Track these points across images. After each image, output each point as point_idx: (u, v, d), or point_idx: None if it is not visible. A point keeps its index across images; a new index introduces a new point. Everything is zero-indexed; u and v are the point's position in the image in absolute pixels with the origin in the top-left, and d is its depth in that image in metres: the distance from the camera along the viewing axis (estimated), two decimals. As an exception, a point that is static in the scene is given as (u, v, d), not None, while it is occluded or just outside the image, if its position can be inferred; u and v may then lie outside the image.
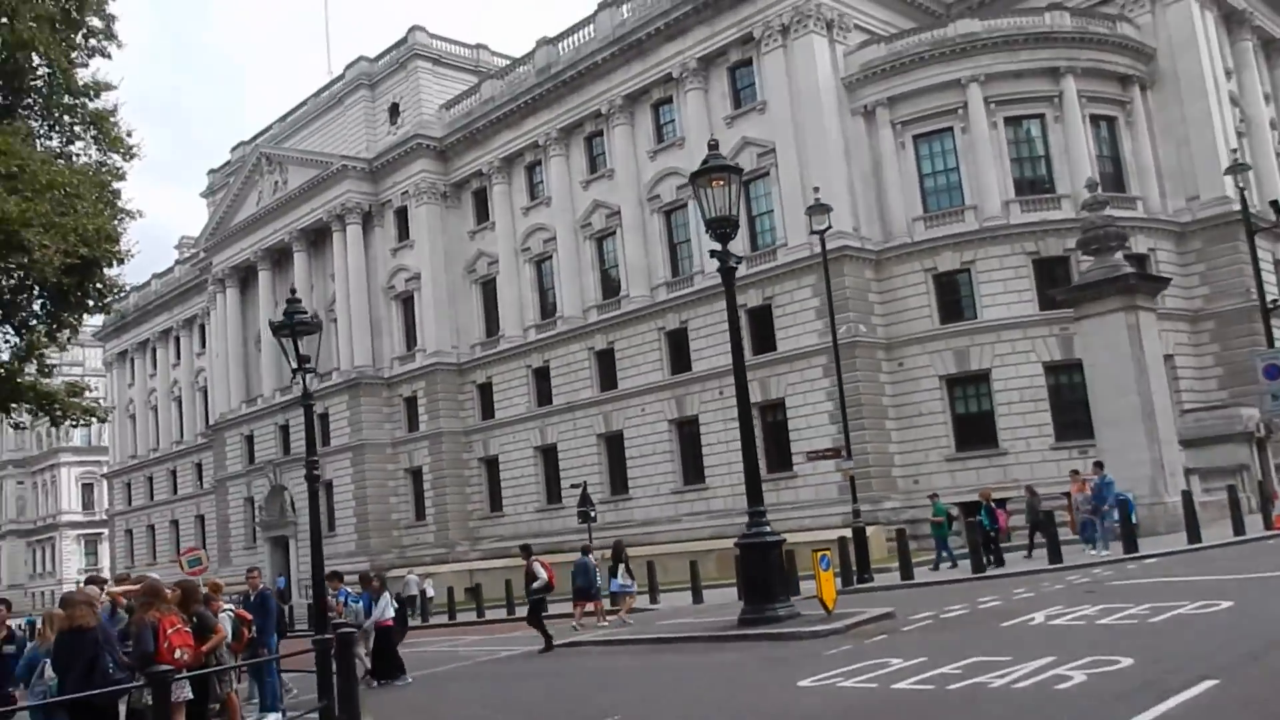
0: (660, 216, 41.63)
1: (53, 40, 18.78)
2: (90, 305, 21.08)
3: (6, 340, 21.06)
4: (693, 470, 39.54)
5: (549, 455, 44.91)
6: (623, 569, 23.50)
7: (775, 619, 15.52)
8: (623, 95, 42.43)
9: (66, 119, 20.73)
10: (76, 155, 21.15)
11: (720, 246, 16.43)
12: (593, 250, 44.24)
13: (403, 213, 50.76)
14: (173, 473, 68.84)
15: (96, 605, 9.80)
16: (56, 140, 21.11)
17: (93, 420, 23.54)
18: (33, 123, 20.55)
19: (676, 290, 40.38)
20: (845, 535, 25.23)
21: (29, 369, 21.01)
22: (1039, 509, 25.03)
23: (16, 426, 24.35)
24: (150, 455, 71.40)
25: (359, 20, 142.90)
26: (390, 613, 18.01)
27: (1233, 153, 33.34)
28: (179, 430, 68.52)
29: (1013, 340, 33.72)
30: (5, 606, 13.85)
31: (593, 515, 33.65)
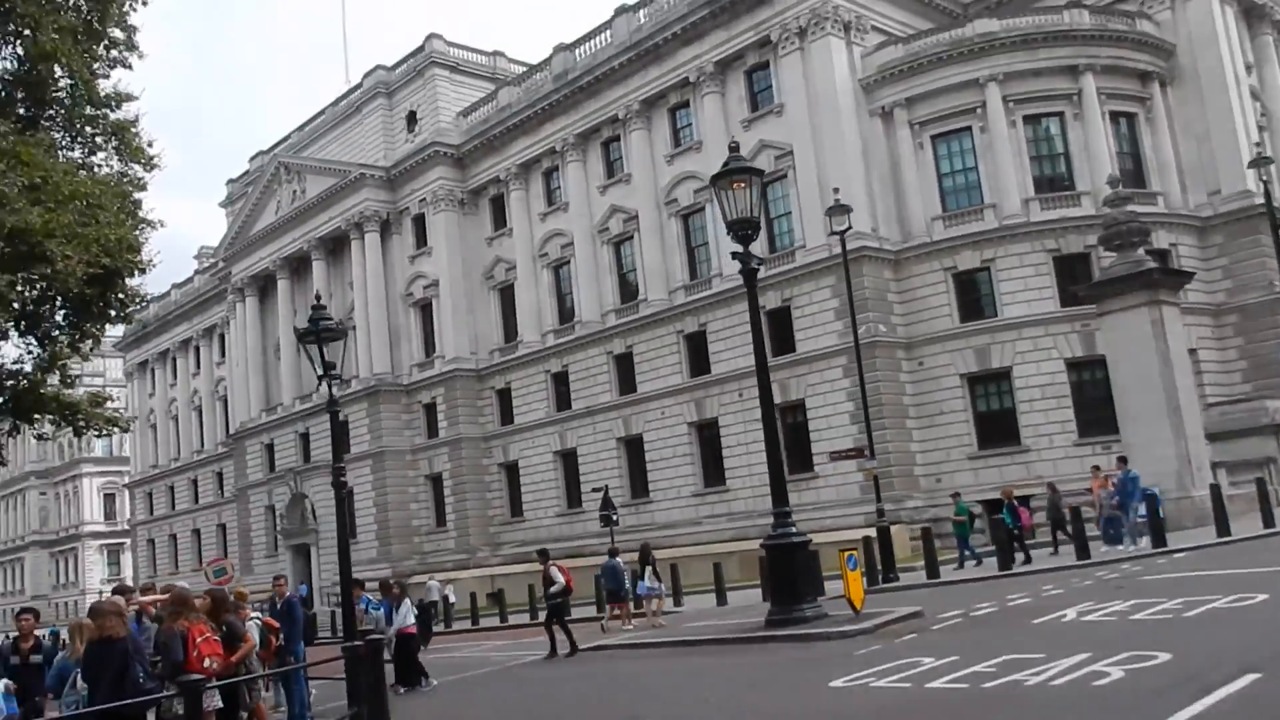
0: (678, 220, 41.60)
1: (75, 52, 18.85)
2: (112, 315, 21.01)
3: (29, 351, 21.13)
4: (713, 472, 39.47)
5: (569, 460, 44.91)
6: (650, 571, 23.45)
7: (803, 620, 15.44)
8: (639, 100, 42.44)
9: (88, 130, 20.75)
10: (98, 166, 21.18)
11: (742, 248, 16.40)
12: (610, 255, 44.25)
13: (420, 220, 50.90)
14: (194, 482, 69.14)
15: (125, 615, 9.80)
16: (78, 151, 21.13)
17: (115, 430, 23.64)
18: (55, 134, 20.60)
19: (695, 293, 40.33)
20: (869, 535, 25.08)
21: (51, 380, 21.06)
22: (1061, 506, 24.93)
23: (40, 437, 24.36)
24: (171, 465, 71.72)
25: (376, 29, 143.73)
26: (411, 619, 18.01)
27: (1256, 146, 33.08)
28: (200, 439, 68.88)
29: (1034, 337, 33.56)
30: (33, 616, 13.90)
31: (615, 519, 33.61)
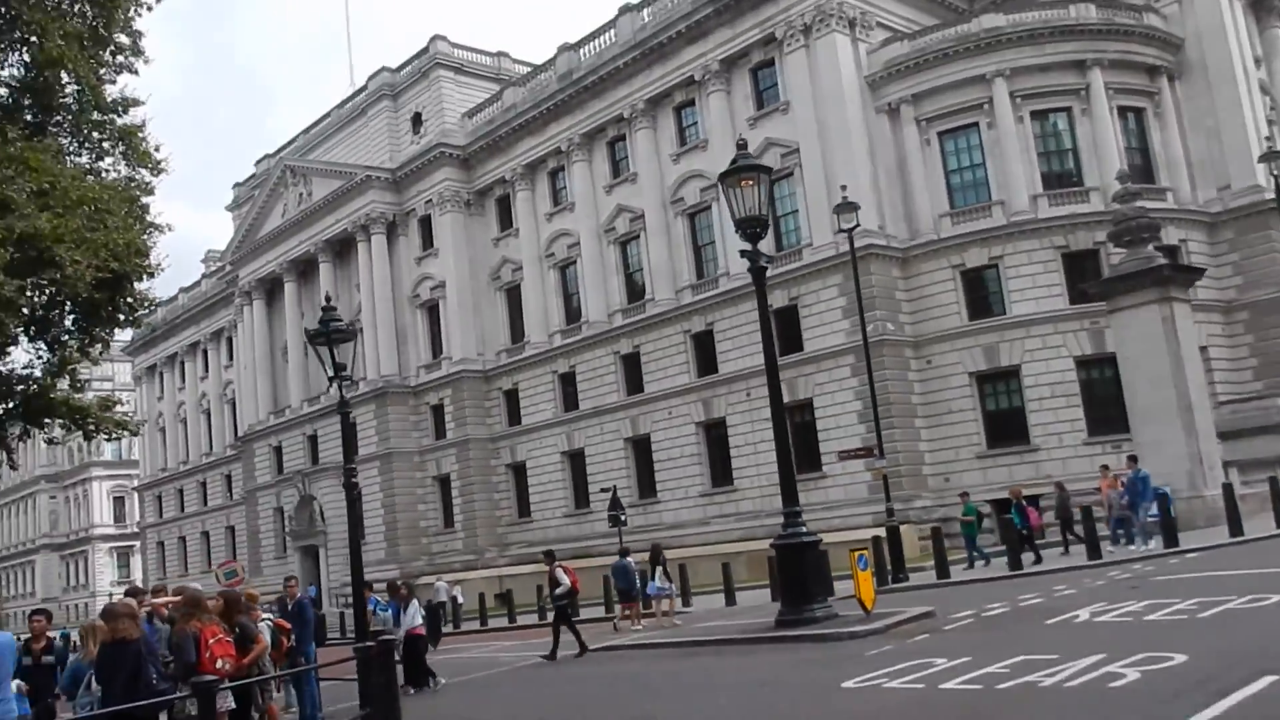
0: (684, 219, 41.55)
1: (81, 57, 18.84)
2: (121, 319, 21.06)
3: (39, 356, 21.17)
4: (721, 472, 39.40)
5: (576, 460, 44.89)
6: (660, 571, 23.42)
7: (813, 620, 15.36)
8: (644, 99, 42.39)
9: (95, 135, 20.76)
10: (106, 171, 21.20)
11: (751, 246, 16.34)
12: (617, 254, 44.21)
13: (427, 221, 50.93)
14: (203, 484, 69.30)
15: (138, 617, 9.80)
16: (86, 156, 21.16)
17: (125, 434, 23.63)
18: (63, 139, 20.62)
19: (702, 293, 40.28)
20: (878, 535, 25.02)
21: (61, 384, 21.10)
22: (1069, 505, 24.81)
23: (50, 441, 24.49)
24: (180, 468, 71.89)
25: (380, 31, 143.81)
26: (419, 620, 18.04)
27: (1266, 140, 32.94)
28: (208, 442, 69.03)
29: (1043, 335, 33.44)
30: (45, 617, 13.94)
31: (623, 519, 33.57)
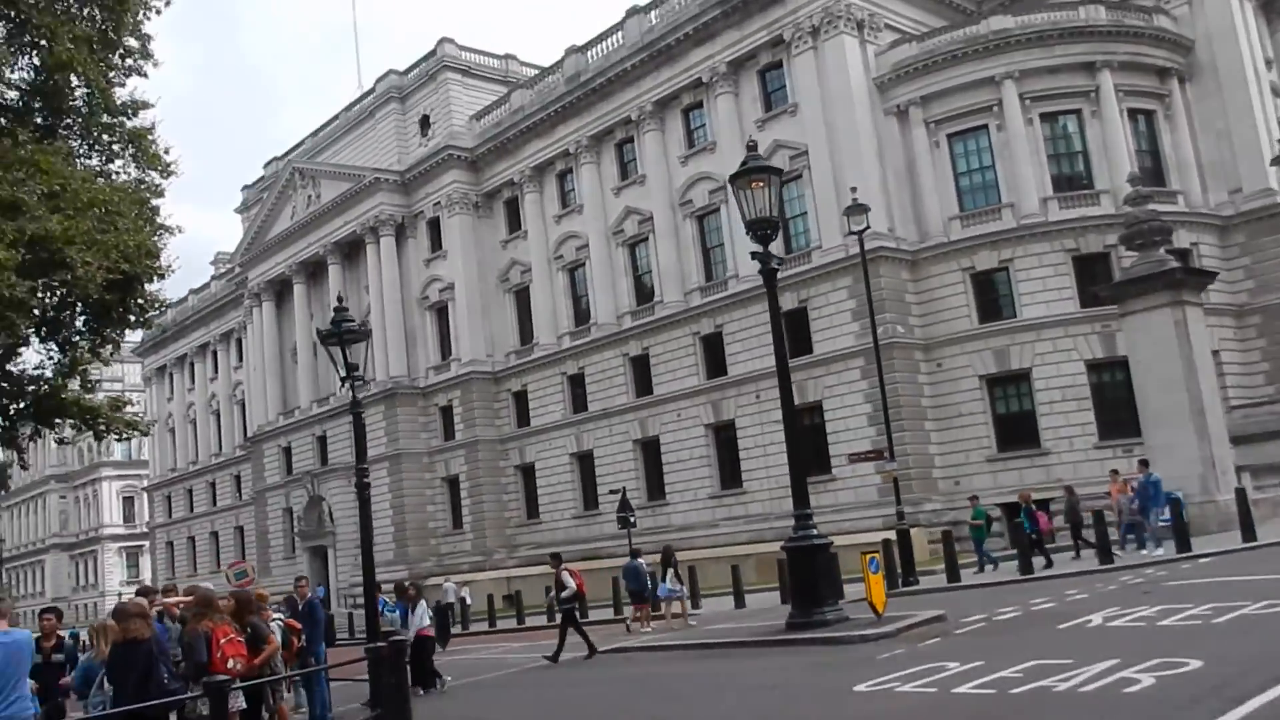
0: (693, 221, 41.52)
1: (91, 61, 18.92)
2: (132, 320, 21.12)
3: (50, 357, 21.27)
4: (730, 475, 39.35)
5: (585, 462, 44.88)
6: (671, 574, 23.39)
7: (824, 623, 15.32)
8: (653, 101, 42.39)
9: (105, 138, 20.86)
10: (116, 173, 21.28)
11: (761, 248, 16.31)
12: (625, 256, 44.21)
13: (435, 224, 50.99)
14: (212, 485, 69.47)
15: (150, 616, 9.81)
16: (96, 159, 21.25)
17: (134, 434, 23.70)
18: (73, 142, 20.72)
19: (711, 295, 40.24)
20: (888, 538, 24.93)
21: (72, 385, 21.19)
22: (1079, 509, 24.70)
23: (60, 441, 24.65)
24: (189, 468, 72.11)
25: (388, 33, 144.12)
26: (427, 621, 18.06)
27: (1278, 142, 32.81)
28: (217, 443, 69.24)
29: (1054, 338, 33.33)
30: (55, 616, 13.99)
31: (632, 521, 33.55)
